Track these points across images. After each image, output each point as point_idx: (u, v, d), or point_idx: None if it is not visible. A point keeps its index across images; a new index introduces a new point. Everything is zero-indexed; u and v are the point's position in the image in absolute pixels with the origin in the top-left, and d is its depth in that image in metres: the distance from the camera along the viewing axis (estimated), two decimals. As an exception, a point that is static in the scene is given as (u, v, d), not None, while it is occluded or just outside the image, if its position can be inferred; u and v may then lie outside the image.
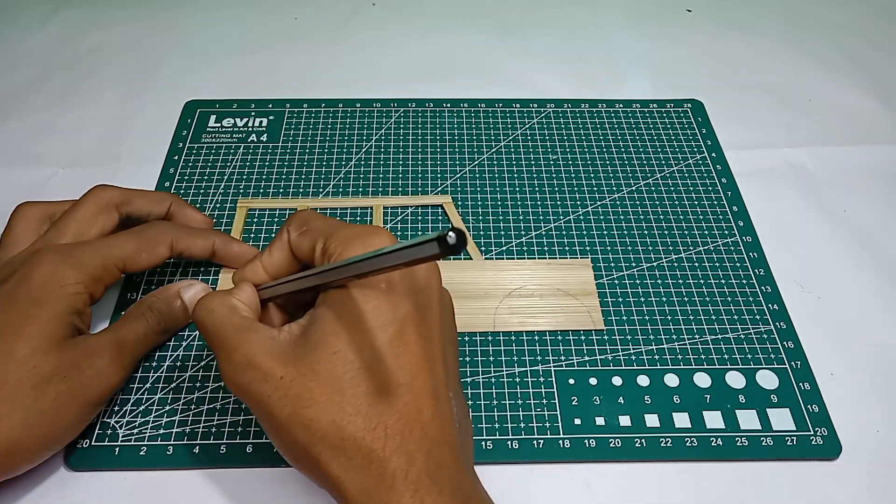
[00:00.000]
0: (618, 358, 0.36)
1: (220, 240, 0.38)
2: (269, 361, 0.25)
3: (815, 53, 0.57)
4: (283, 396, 0.25)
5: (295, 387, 0.25)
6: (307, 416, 0.24)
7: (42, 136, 0.49)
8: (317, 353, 0.25)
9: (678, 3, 0.63)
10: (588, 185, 0.45)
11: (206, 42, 0.58)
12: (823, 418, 0.34)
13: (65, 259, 0.32)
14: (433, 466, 0.24)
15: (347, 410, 0.24)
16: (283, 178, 0.46)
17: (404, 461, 0.24)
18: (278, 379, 0.25)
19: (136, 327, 0.34)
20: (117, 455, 0.32)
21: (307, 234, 0.29)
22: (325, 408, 0.24)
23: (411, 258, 0.20)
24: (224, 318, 0.27)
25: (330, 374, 0.25)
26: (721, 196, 0.45)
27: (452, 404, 0.27)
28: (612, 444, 0.33)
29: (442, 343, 0.27)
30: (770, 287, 0.40)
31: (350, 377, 0.25)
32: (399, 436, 0.24)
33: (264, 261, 0.30)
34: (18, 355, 0.29)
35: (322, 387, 0.24)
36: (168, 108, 0.51)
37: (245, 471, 0.32)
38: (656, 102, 0.52)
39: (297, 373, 0.25)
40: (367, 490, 0.24)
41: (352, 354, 0.25)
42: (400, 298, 0.26)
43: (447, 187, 0.45)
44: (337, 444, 0.24)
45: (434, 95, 0.52)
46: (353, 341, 0.25)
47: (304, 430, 0.24)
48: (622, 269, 0.40)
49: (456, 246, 0.18)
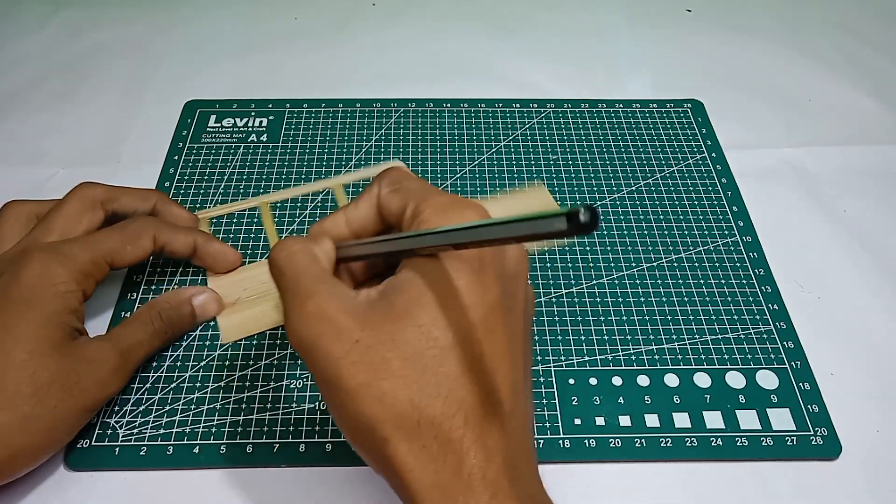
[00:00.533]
0: (618, 358, 0.36)
1: (202, 238, 0.38)
2: (346, 318, 0.23)
3: (815, 53, 0.57)
4: (356, 362, 0.22)
5: (371, 354, 0.22)
6: (382, 389, 0.22)
7: (42, 136, 0.49)
8: (400, 322, 0.22)
9: (678, 3, 0.63)
10: (588, 185, 0.45)
11: (206, 42, 0.58)
12: (823, 418, 0.34)
13: (54, 256, 0.31)
14: (511, 468, 0.22)
15: (427, 391, 0.22)
16: (283, 178, 0.46)
17: (483, 457, 0.22)
18: (354, 341, 0.22)
19: (139, 334, 0.33)
20: (117, 455, 0.32)
21: (400, 192, 0.26)
22: (403, 383, 0.22)
23: (532, 232, 0.17)
24: (304, 265, 0.25)
25: (412, 347, 0.22)
26: (721, 196, 0.45)
27: (529, 403, 0.25)
28: (612, 444, 0.33)
29: (524, 337, 0.25)
30: (770, 287, 0.40)
31: (433, 355, 0.22)
32: (479, 428, 0.22)
33: (349, 213, 0.28)
34: (17, 360, 0.29)
35: (402, 360, 0.22)
36: (168, 108, 0.51)
37: (245, 471, 0.32)
38: (656, 102, 0.52)
39: (376, 339, 0.22)
40: (440, 484, 0.21)
41: (437, 331, 0.22)
42: (491, 281, 0.23)
43: (447, 187, 0.45)
44: (412, 426, 0.22)
45: (434, 95, 0.52)
46: (440, 317, 0.23)
47: (376, 404, 0.22)
48: (622, 269, 0.40)
49: (588, 225, 0.15)
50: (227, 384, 0.35)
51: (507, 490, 0.22)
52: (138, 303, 0.38)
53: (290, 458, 0.33)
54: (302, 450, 0.33)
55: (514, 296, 0.25)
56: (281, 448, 0.33)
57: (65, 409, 0.29)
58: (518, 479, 0.22)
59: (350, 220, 0.28)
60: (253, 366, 0.36)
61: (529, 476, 0.23)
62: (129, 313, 0.38)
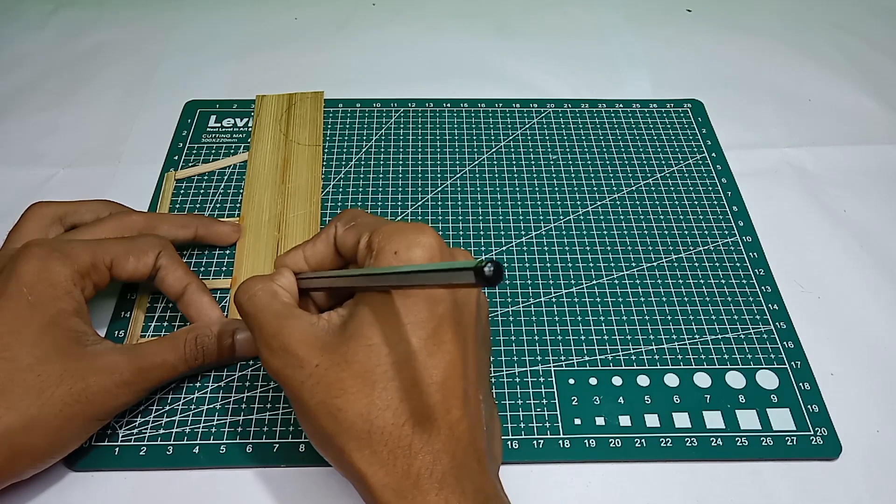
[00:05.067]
0: (618, 358, 0.36)
1: (195, 285, 0.36)
2: (305, 349, 0.25)
3: (815, 53, 0.57)
4: (315, 384, 0.25)
5: (328, 376, 0.25)
6: (336, 406, 0.24)
7: (42, 136, 0.49)
8: (351, 343, 0.25)
9: (678, 3, 0.63)
10: (588, 185, 0.45)
11: (206, 42, 0.58)
12: (823, 418, 0.34)
13: (53, 253, 0.31)
14: (458, 467, 0.24)
15: (377, 404, 0.24)
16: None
17: (430, 459, 0.24)
18: (313, 366, 0.25)
19: (167, 356, 0.32)
20: (117, 455, 0.32)
21: (354, 228, 0.29)
22: (355, 399, 0.24)
23: (446, 282, 0.21)
24: (264, 304, 0.27)
25: (363, 365, 0.25)
26: (721, 196, 0.45)
27: (482, 406, 0.27)
28: (612, 444, 0.33)
29: (476, 344, 0.27)
30: (770, 287, 0.40)
31: (382, 371, 0.25)
32: (426, 434, 0.24)
33: (307, 251, 0.30)
34: (23, 364, 0.28)
35: (354, 378, 0.25)
36: (168, 108, 0.51)
37: (245, 471, 0.32)
38: (656, 102, 0.52)
39: (331, 362, 0.25)
40: (391, 484, 0.24)
41: (386, 349, 0.25)
42: (439, 297, 0.25)
43: (447, 187, 0.45)
44: (364, 436, 0.24)
45: (434, 95, 0.52)
46: (389, 336, 0.25)
47: (331, 419, 0.25)
48: (622, 269, 0.40)
49: (492, 278, 0.18)
50: (227, 384, 0.35)
51: (454, 485, 0.24)
52: (137, 303, 0.38)
53: (290, 458, 0.33)
54: (301, 450, 0.33)
55: (465, 306, 0.27)
56: (281, 448, 0.33)
57: (71, 413, 0.29)
58: (467, 476, 0.24)
59: (308, 257, 0.30)
60: (253, 366, 0.36)
61: (481, 474, 0.25)
62: (128, 313, 0.38)
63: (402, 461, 0.24)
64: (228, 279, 0.39)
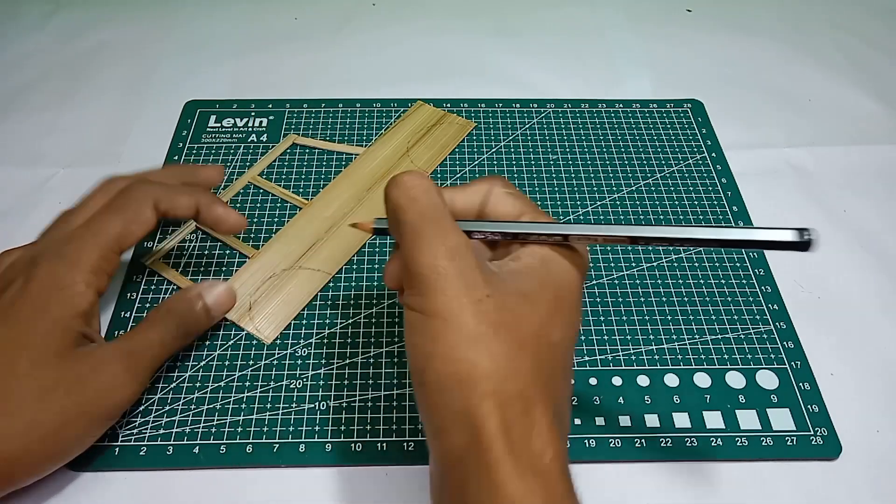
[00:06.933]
0: (618, 358, 0.36)
1: (206, 199, 0.35)
2: (477, 271, 0.24)
3: (815, 53, 0.57)
4: (485, 311, 0.24)
5: (499, 314, 0.24)
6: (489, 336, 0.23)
7: (42, 136, 0.49)
8: (525, 306, 0.25)
9: (678, 3, 0.63)
10: (588, 185, 0.45)
11: (206, 42, 0.58)
12: (823, 418, 0.34)
13: (60, 260, 0.31)
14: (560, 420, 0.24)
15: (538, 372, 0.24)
16: (283, 178, 0.46)
17: (545, 412, 0.24)
18: (485, 295, 0.24)
19: (150, 334, 0.32)
20: (117, 455, 0.32)
21: (519, 199, 0.28)
22: (515, 353, 0.24)
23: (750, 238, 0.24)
24: (436, 200, 0.26)
25: (530, 329, 0.24)
26: (721, 196, 0.45)
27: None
28: (612, 444, 0.33)
29: None
30: (770, 287, 0.40)
31: (545, 344, 0.25)
32: (554, 425, 0.24)
33: (456, 195, 0.29)
34: (19, 371, 0.28)
35: (516, 338, 0.24)
36: (168, 108, 0.51)
37: (245, 471, 0.32)
38: (656, 102, 0.52)
39: (499, 303, 0.24)
40: (507, 426, 0.23)
41: (549, 328, 0.25)
42: (582, 276, 0.27)
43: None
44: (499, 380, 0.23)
45: (434, 95, 0.52)
46: (556, 317, 0.25)
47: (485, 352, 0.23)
48: (622, 269, 0.40)
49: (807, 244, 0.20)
50: (227, 384, 0.35)
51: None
52: (137, 303, 0.38)
53: (290, 458, 0.33)
54: (302, 450, 0.33)
55: (580, 295, 0.27)
56: (281, 448, 0.33)
57: (71, 416, 0.29)
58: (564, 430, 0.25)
59: (456, 203, 0.28)
60: (253, 366, 0.36)
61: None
62: (128, 313, 0.38)
63: (519, 405, 0.23)
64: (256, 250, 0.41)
